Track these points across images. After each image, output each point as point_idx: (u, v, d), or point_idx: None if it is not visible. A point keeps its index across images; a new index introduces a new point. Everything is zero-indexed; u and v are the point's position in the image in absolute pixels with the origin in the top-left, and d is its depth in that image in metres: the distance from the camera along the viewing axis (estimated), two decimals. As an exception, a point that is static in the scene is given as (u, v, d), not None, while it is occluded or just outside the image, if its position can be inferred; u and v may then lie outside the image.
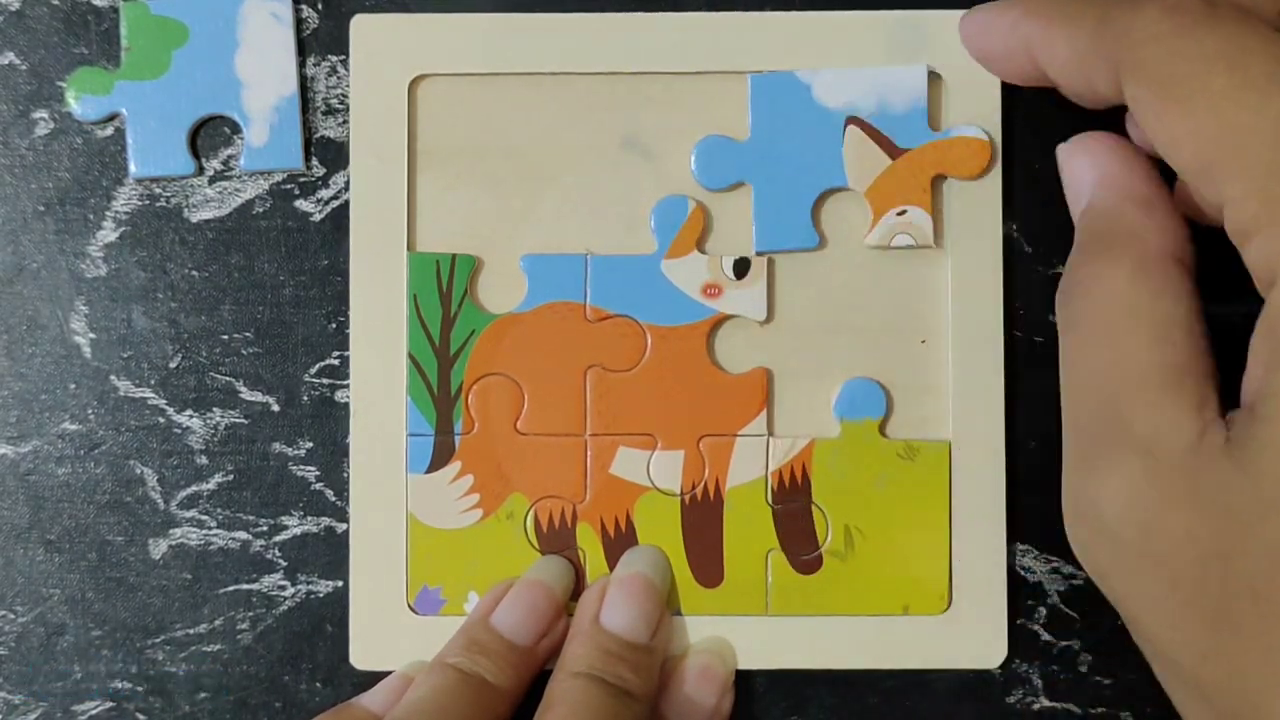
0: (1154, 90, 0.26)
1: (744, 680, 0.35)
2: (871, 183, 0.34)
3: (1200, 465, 0.25)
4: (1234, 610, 0.24)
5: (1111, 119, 0.31)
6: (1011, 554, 0.35)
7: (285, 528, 0.35)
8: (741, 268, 0.34)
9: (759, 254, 0.34)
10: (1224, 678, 0.24)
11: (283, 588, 0.35)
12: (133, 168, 0.35)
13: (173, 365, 0.35)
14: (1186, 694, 0.26)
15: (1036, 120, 0.34)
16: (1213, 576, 0.24)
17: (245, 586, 0.35)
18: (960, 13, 0.33)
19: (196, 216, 0.35)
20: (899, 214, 0.34)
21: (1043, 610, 0.35)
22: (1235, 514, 0.24)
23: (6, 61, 0.35)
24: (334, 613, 0.35)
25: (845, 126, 0.34)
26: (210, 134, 0.35)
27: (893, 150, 0.34)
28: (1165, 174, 0.29)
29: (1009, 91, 0.34)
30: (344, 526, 0.35)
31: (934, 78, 0.34)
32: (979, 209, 0.34)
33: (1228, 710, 0.24)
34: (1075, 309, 0.28)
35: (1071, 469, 0.28)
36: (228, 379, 0.35)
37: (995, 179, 0.34)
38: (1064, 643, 0.35)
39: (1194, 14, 0.25)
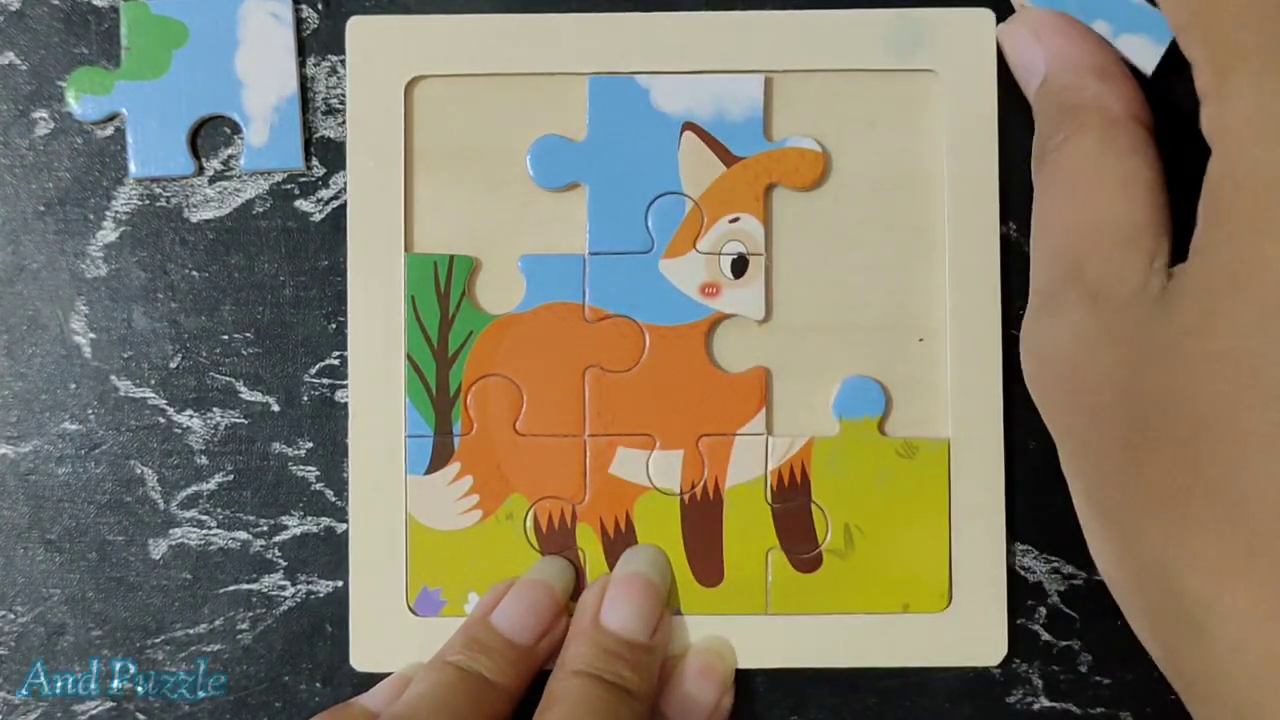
0: None
1: (744, 679, 0.35)
2: (706, 189, 0.34)
3: (1134, 309, 0.27)
4: (1131, 441, 0.27)
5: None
6: (1011, 554, 0.35)
7: (285, 528, 0.35)
8: (739, 267, 0.34)
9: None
10: (1115, 500, 0.27)
11: (283, 588, 0.35)
12: (133, 168, 0.35)
13: (173, 365, 0.35)
14: (1089, 513, 0.29)
15: (1033, 120, 0.34)
16: (1122, 410, 0.27)
17: (245, 586, 0.35)
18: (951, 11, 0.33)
19: (196, 216, 0.35)
20: (731, 221, 0.34)
21: (1043, 610, 0.35)
22: (1147, 353, 0.27)
23: (6, 61, 0.35)
24: (334, 613, 0.35)
25: (682, 132, 0.34)
26: (210, 134, 0.35)
27: (728, 158, 0.34)
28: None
29: (1005, 91, 0.34)
30: (344, 527, 0.35)
31: (768, 86, 0.34)
32: (975, 209, 0.34)
33: (1117, 526, 0.28)
34: (1047, 174, 0.31)
35: (1031, 309, 0.31)
36: (228, 379, 0.35)
37: (992, 179, 0.34)
38: (1064, 643, 0.35)
39: None
